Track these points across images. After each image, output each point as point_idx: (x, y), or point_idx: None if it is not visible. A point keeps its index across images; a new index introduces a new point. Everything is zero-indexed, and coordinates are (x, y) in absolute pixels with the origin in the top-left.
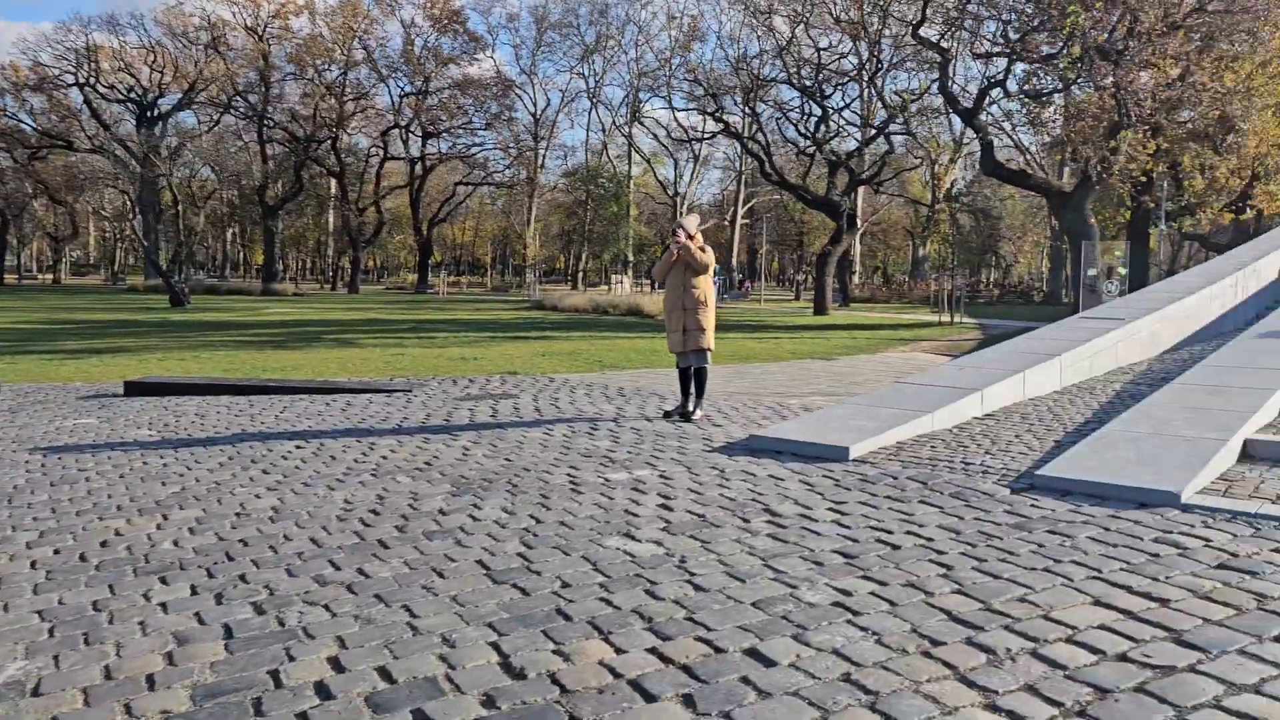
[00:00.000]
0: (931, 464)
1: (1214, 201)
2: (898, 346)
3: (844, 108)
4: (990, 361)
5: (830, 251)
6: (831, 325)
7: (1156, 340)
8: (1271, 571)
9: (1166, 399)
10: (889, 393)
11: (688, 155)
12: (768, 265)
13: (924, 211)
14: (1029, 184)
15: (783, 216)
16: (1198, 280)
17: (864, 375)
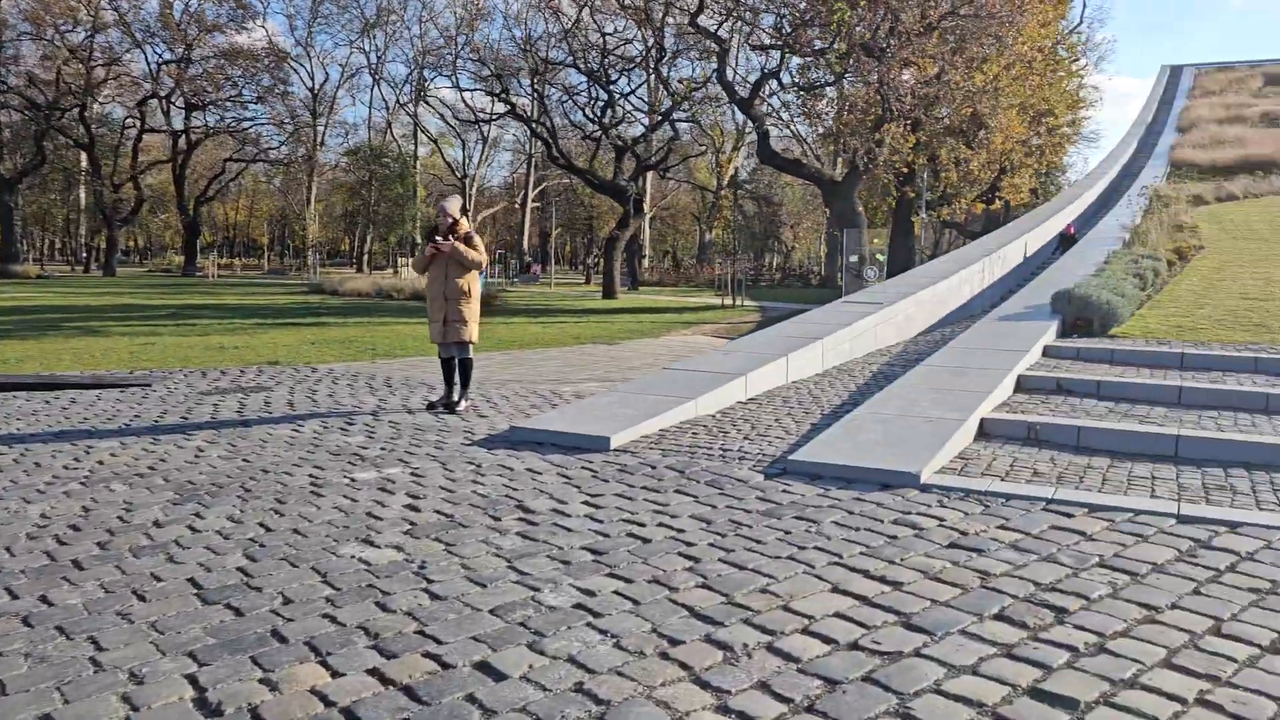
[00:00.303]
0: (691, 452)
1: (968, 192)
2: (680, 330)
3: (630, 93)
4: (756, 346)
5: (618, 235)
6: (619, 309)
7: (912, 323)
8: (996, 548)
9: (914, 381)
10: (656, 379)
11: (476, 137)
12: (560, 249)
13: (710, 197)
14: (803, 173)
15: (573, 200)
16: (950, 266)
17: (643, 360)
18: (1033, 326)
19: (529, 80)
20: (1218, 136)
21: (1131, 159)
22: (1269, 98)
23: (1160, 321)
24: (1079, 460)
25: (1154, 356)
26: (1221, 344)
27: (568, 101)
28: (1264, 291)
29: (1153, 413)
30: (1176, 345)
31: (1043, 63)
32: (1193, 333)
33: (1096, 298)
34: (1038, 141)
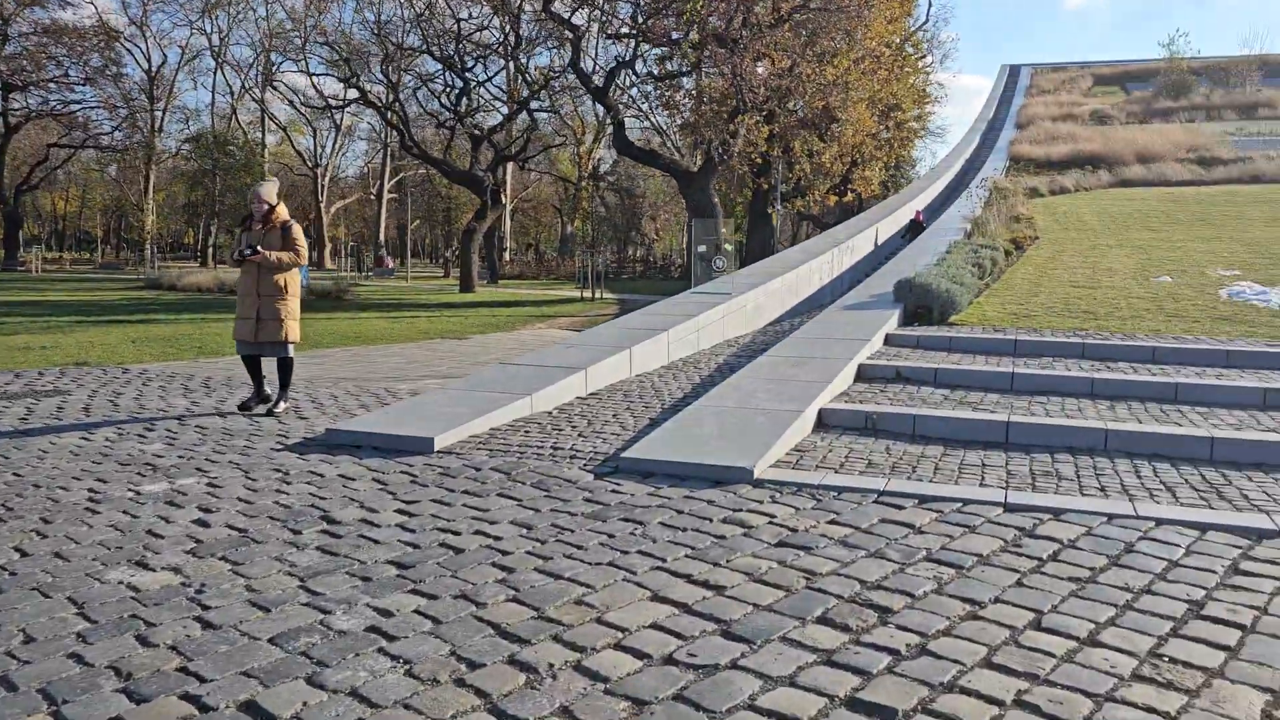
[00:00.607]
0: (520, 451)
1: (821, 184)
2: (535, 323)
3: (487, 81)
4: (600, 339)
5: (475, 227)
6: (476, 302)
7: (761, 313)
8: (824, 545)
9: (755, 372)
10: (492, 375)
11: (329, 125)
12: (420, 241)
13: (571, 189)
14: (658, 164)
15: (430, 191)
16: (800, 256)
17: (491, 355)
18: (876, 315)
19: (381, 66)
20: (1052, 133)
21: (975, 153)
22: (1098, 97)
23: (997, 309)
24: (914, 449)
25: (990, 344)
26: (1052, 331)
27: (422, 89)
28: (1091, 279)
29: (986, 399)
30: (1011, 332)
31: (890, 58)
32: (1027, 320)
33: (936, 286)
34: (887, 135)
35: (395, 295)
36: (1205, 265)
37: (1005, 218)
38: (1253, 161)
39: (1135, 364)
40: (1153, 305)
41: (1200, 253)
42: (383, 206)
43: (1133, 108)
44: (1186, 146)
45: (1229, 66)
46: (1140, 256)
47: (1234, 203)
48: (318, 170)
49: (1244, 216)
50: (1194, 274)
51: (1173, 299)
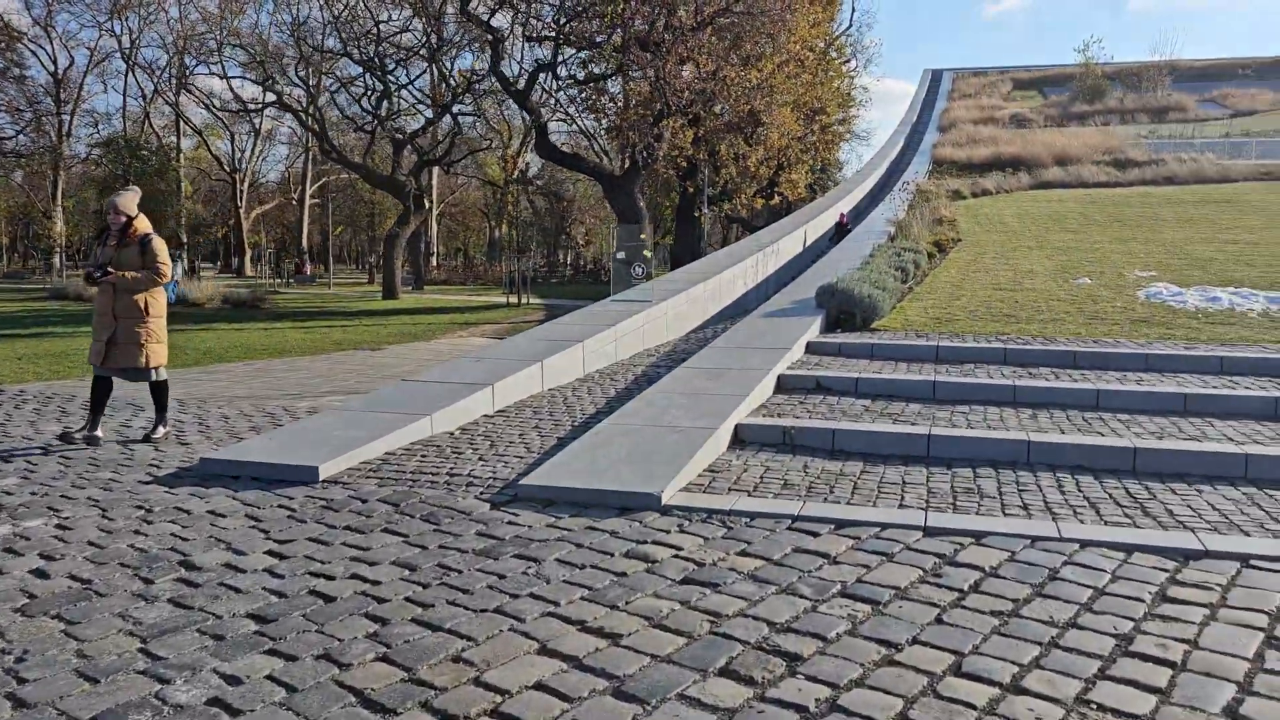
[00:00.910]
0: (414, 479)
1: (748, 187)
2: (456, 331)
3: (408, 84)
4: (512, 351)
5: (398, 233)
6: (397, 310)
7: (682, 321)
8: (733, 581)
9: (670, 385)
10: (392, 393)
11: (248, 129)
12: (346, 247)
13: (500, 193)
14: (582, 168)
15: (354, 196)
16: (724, 261)
17: (405, 365)
18: (797, 322)
19: (297, 68)
20: (973, 136)
21: (899, 156)
22: (1017, 101)
23: (919, 314)
24: (832, 466)
25: (912, 350)
26: (974, 336)
27: (342, 93)
28: (1013, 282)
29: (908, 410)
30: (933, 338)
31: (814, 62)
32: (949, 324)
33: (859, 291)
34: (812, 138)
35: (315, 303)
36: (1123, 267)
37: (928, 220)
38: (1165, 164)
39: (1057, 369)
40: (1073, 308)
41: (1118, 254)
42: (304, 212)
43: (1050, 111)
44: (1102, 149)
45: (1141, 72)
46: (1060, 258)
47: (1148, 204)
48: (236, 175)
49: (1158, 218)
50: (1112, 275)
51: (1092, 301)
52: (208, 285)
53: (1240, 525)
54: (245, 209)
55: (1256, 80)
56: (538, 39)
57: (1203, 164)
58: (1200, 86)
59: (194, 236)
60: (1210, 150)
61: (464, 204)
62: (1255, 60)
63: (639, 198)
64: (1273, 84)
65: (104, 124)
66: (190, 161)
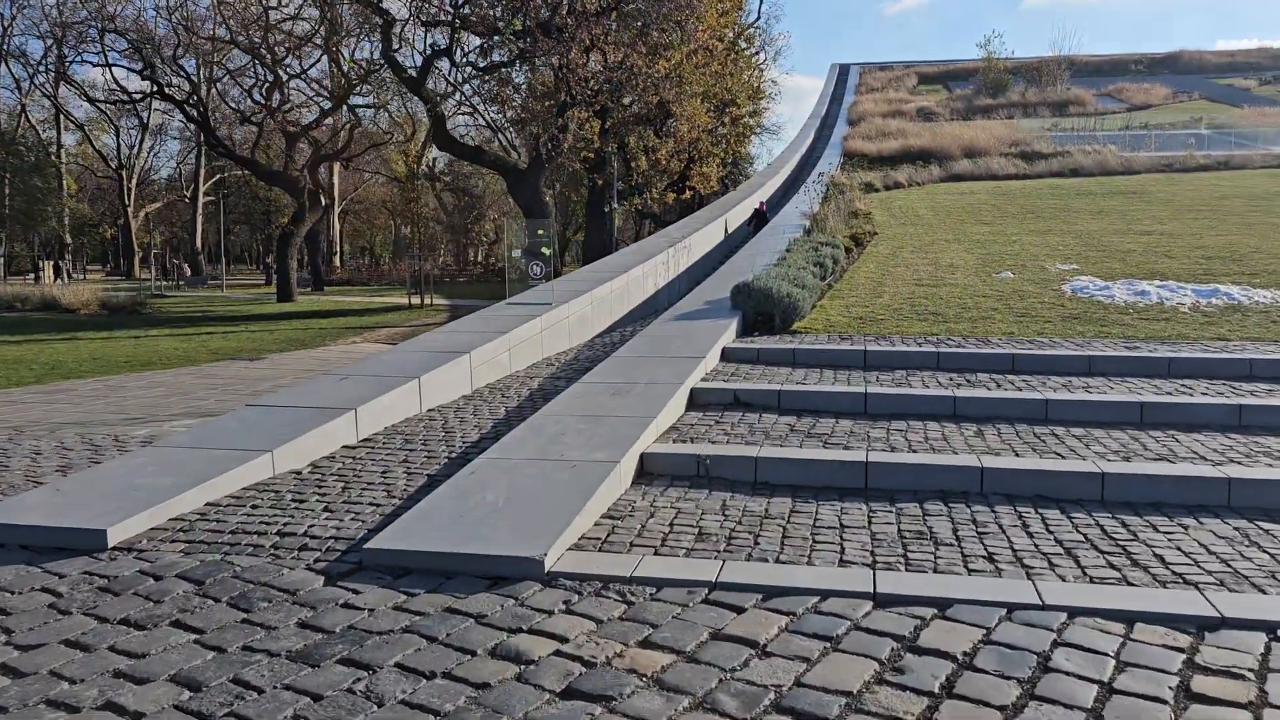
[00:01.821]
0: (233, 542)
1: (659, 181)
2: (349, 337)
3: (301, 74)
4: (387, 366)
5: (292, 231)
6: (291, 313)
7: (587, 325)
8: (631, 691)
9: (565, 405)
10: (231, 422)
11: (136, 122)
12: (245, 247)
13: (405, 190)
14: (484, 161)
15: (249, 194)
16: (632, 258)
17: (282, 377)
18: (711, 326)
19: (174, 54)
20: (882, 129)
21: (810, 149)
22: (922, 95)
23: (841, 313)
24: (755, 505)
25: (837, 355)
26: (902, 337)
27: (227, 81)
28: (934, 277)
29: (839, 428)
30: (859, 340)
31: (724, 52)
32: (874, 324)
33: (777, 290)
34: (723, 131)
35: (203, 307)
36: (1043, 259)
37: (844, 213)
38: (1070, 156)
39: (996, 375)
40: (1000, 304)
41: (1036, 246)
42: (198, 210)
43: (956, 105)
44: (1009, 141)
45: (1041, 66)
46: (979, 251)
47: (1059, 195)
48: (122, 172)
49: (1070, 209)
50: (1034, 269)
51: (1018, 296)
52: (84, 289)
53: (1249, 576)
54: (134, 208)
55: (1149, 75)
56: (433, 23)
57: (1106, 156)
58: (1097, 81)
59: (78, 237)
60: (1112, 143)
61: (369, 201)
62: (1147, 56)
63: (544, 192)
64: (1164, 79)
65: None
66: (73, 158)
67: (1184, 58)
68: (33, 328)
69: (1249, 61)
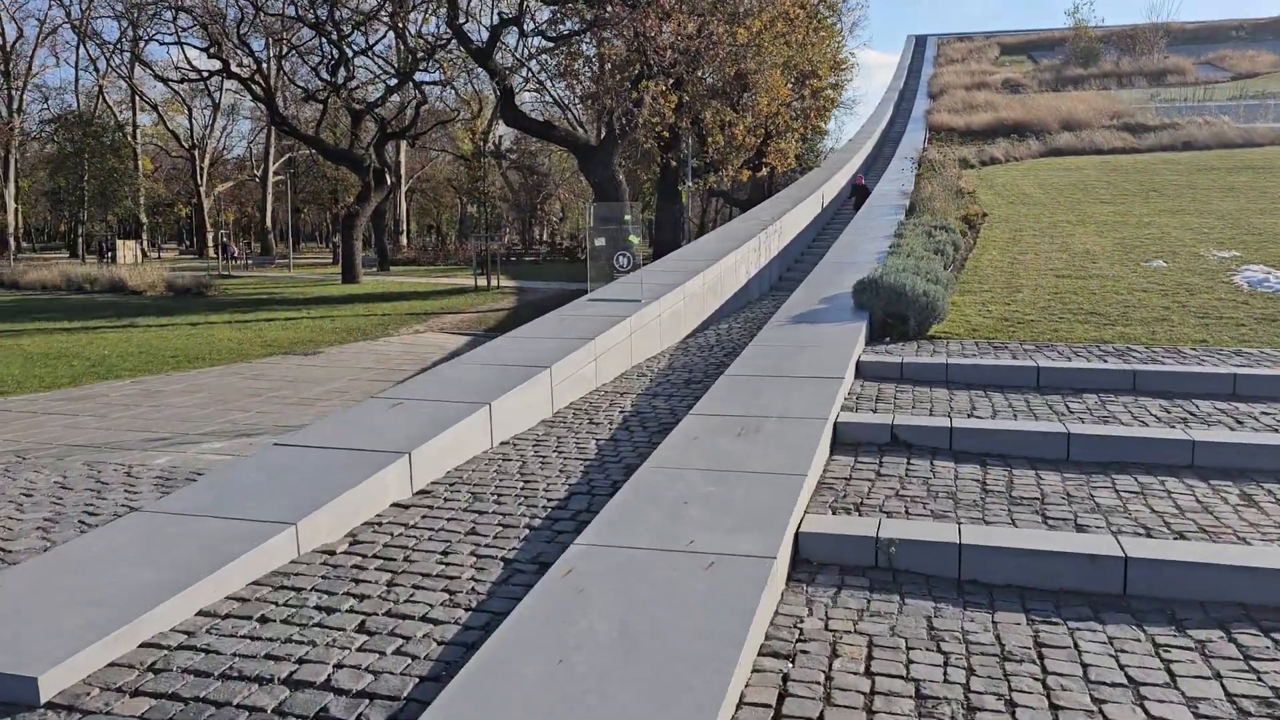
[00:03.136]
0: (222, 696)
1: (735, 158)
2: (413, 324)
3: (366, 50)
4: (450, 388)
5: (358, 211)
6: (354, 296)
7: (679, 322)
8: None
9: (677, 453)
10: (248, 474)
11: (208, 103)
12: (317, 226)
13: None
14: (554, 137)
15: (318, 173)
16: (724, 245)
17: (337, 383)
18: (835, 332)
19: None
20: (969, 101)
21: (890, 124)
22: (1006, 66)
23: (980, 312)
24: (978, 629)
25: (1001, 373)
26: (1069, 344)
27: (294, 59)
28: (1073, 266)
29: (1045, 485)
30: (1019, 352)
31: (805, 20)
32: (1024, 327)
33: (912, 289)
34: (801, 105)
35: (268, 289)
36: (1192, 245)
37: (950, 192)
38: (1182, 128)
39: (1219, 402)
40: (1169, 301)
41: (1177, 229)
42: (268, 189)
43: (1044, 76)
44: (1109, 113)
45: (1135, 34)
46: (1113, 235)
47: (1176, 170)
48: (195, 151)
49: (1194, 185)
50: (1186, 257)
51: (1186, 291)
52: (150, 270)
53: None
54: (207, 187)
55: (1251, 41)
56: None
57: (1222, 128)
58: (1195, 49)
59: (154, 216)
60: (1224, 114)
61: (435, 179)
62: (1249, 21)
63: (617, 170)
64: (1269, 44)
65: (55, 99)
66: (149, 138)
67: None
68: (94, 312)
69: None
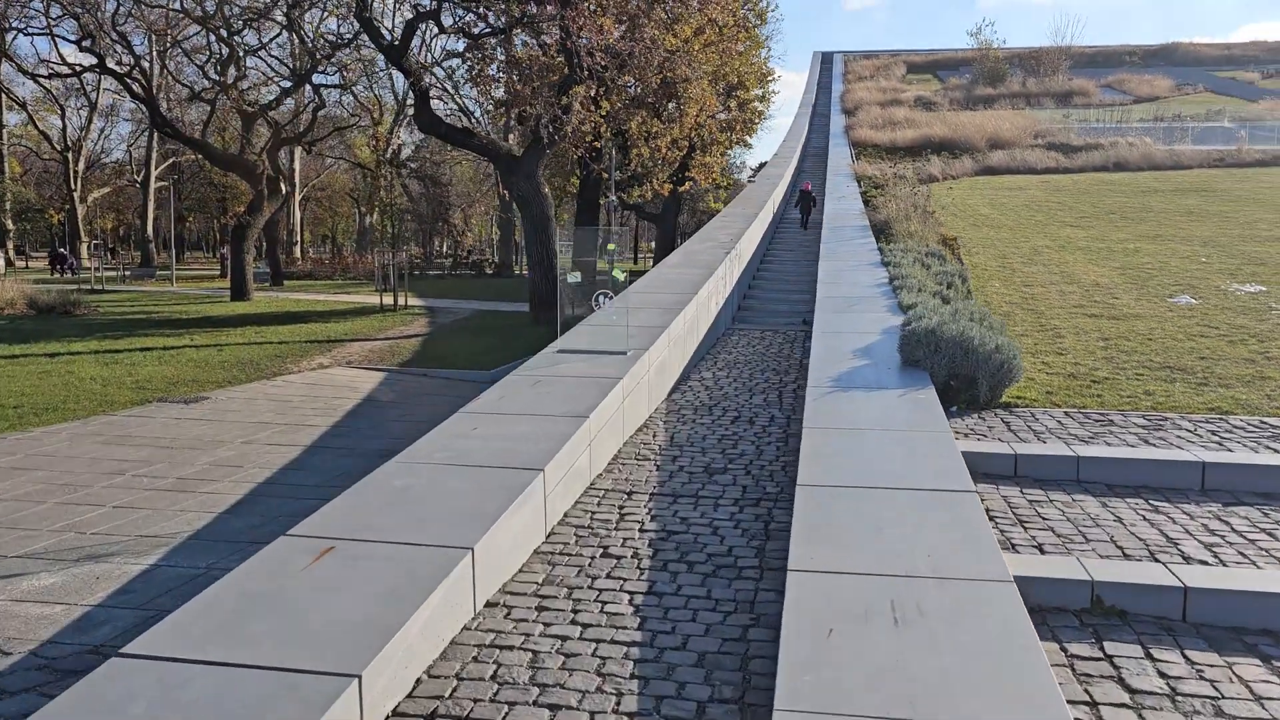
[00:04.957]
0: None
1: (660, 172)
2: (316, 355)
3: (259, 48)
4: (399, 514)
5: (249, 221)
6: (246, 316)
7: (665, 375)
8: None
9: (800, 658)
10: None
11: (84, 101)
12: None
13: (369, 177)
14: (473, 145)
15: (206, 179)
16: (689, 273)
17: (227, 447)
18: (906, 407)
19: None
20: (888, 118)
21: (809, 139)
22: (915, 84)
23: (1038, 365)
24: None
25: (1146, 470)
26: (1182, 416)
27: (180, 55)
28: (1091, 300)
29: None
30: (1136, 429)
31: (734, 28)
32: (1105, 388)
33: (981, 341)
34: (725, 116)
35: (147, 306)
36: (1203, 277)
37: (919, 212)
38: (1106, 148)
39: None
40: (1246, 350)
41: (1171, 259)
42: (149, 196)
43: (955, 94)
44: (1032, 132)
45: (1040, 56)
46: (1108, 264)
47: (1121, 192)
48: (68, 154)
49: (1150, 208)
50: (1208, 291)
51: (1251, 336)
52: (10, 286)
53: None
54: (81, 192)
55: (1145, 67)
56: None
57: (1150, 149)
58: (1094, 72)
59: (21, 223)
60: (1146, 135)
61: (332, 188)
62: (1139, 47)
63: (542, 183)
64: (1161, 69)
65: None
66: (17, 139)
67: (1180, 50)
68: None
69: (1247, 55)
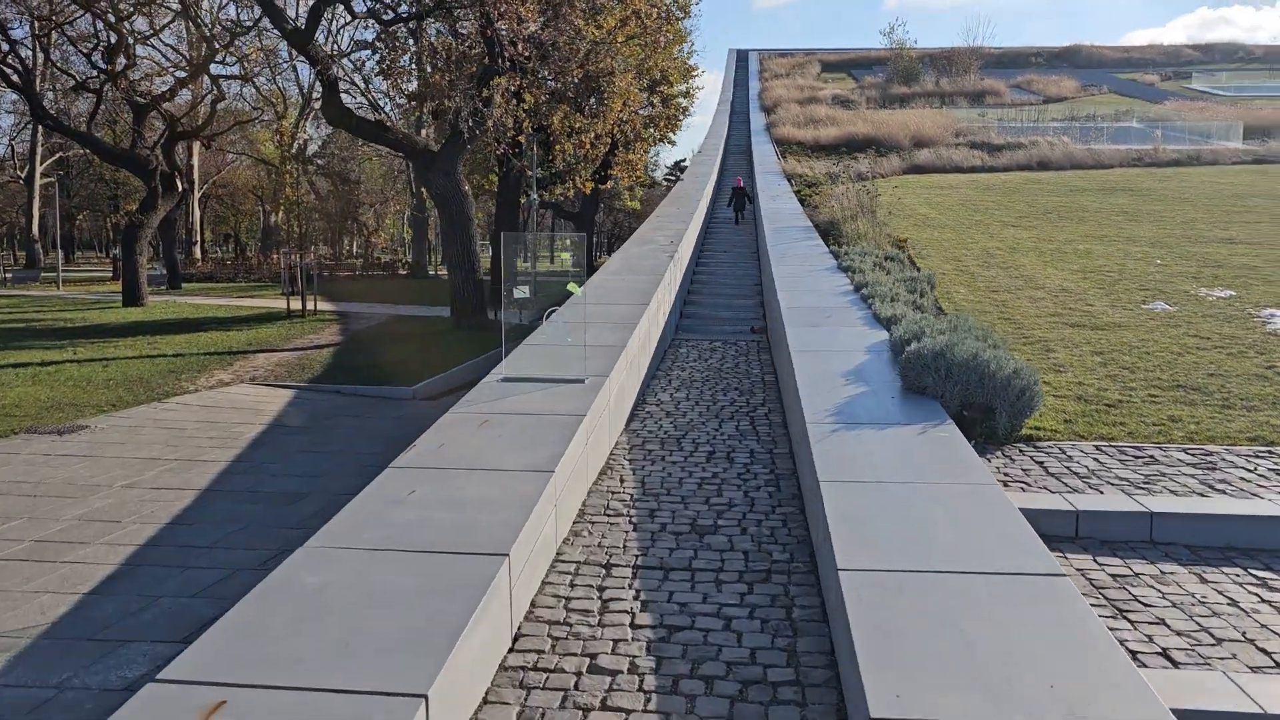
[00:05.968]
0: None
1: (583, 169)
2: (215, 370)
3: (151, 35)
4: (319, 646)
5: (142, 221)
6: (139, 324)
7: (624, 401)
8: None
9: None
10: None
11: None
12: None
13: (274, 174)
14: (387, 139)
15: (91, 174)
16: (634, 280)
17: (102, 493)
18: (926, 447)
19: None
20: (809, 116)
21: (730, 137)
22: (831, 82)
23: (1045, 390)
24: None
25: (1229, 528)
26: (1222, 446)
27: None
28: (1065, 308)
29: None
30: (1204, 473)
31: (657, 20)
32: (1127, 413)
33: (998, 366)
34: (647, 112)
35: (28, 314)
36: (1165, 280)
37: (868, 213)
38: (1028, 147)
39: None
40: (1250, 365)
41: (1127, 260)
42: (34, 193)
43: (870, 93)
44: (952, 130)
45: (952, 56)
46: (1065, 267)
47: (1049, 191)
48: None
49: (1083, 207)
50: (1180, 297)
51: (1249, 348)
52: None
53: None
54: None
55: (1050, 68)
56: None
57: (1071, 148)
58: (1003, 73)
59: None
60: (1064, 134)
61: (234, 185)
62: (1045, 49)
63: (462, 180)
64: (1066, 71)
65: None
66: None
67: (1083, 52)
68: None
69: (1145, 58)
